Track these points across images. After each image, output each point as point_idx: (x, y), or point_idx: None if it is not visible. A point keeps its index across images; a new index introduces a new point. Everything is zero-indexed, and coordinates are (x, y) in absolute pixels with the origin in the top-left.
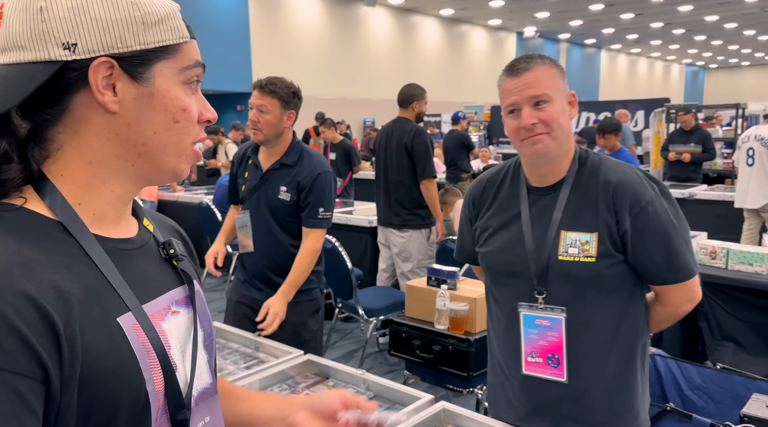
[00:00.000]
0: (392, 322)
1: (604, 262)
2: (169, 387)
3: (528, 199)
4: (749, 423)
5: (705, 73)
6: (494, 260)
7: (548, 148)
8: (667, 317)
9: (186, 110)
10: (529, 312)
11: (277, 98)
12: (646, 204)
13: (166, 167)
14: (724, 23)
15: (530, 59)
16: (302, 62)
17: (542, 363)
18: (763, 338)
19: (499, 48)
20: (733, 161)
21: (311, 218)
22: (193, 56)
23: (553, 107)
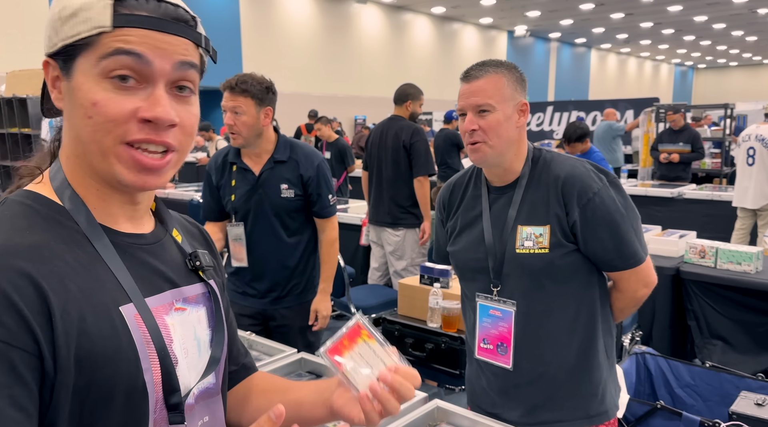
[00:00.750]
0: (385, 320)
1: (556, 252)
2: (167, 380)
3: (488, 199)
4: (738, 420)
5: (694, 73)
6: (461, 257)
7: (486, 156)
8: (627, 302)
9: (96, 104)
10: (484, 302)
11: (250, 97)
12: (593, 195)
13: (101, 170)
14: (712, 24)
15: (483, 67)
16: (293, 59)
17: (492, 350)
18: (751, 336)
19: (490, 47)
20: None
21: (325, 208)
22: (114, 44)
23: (494, 116)
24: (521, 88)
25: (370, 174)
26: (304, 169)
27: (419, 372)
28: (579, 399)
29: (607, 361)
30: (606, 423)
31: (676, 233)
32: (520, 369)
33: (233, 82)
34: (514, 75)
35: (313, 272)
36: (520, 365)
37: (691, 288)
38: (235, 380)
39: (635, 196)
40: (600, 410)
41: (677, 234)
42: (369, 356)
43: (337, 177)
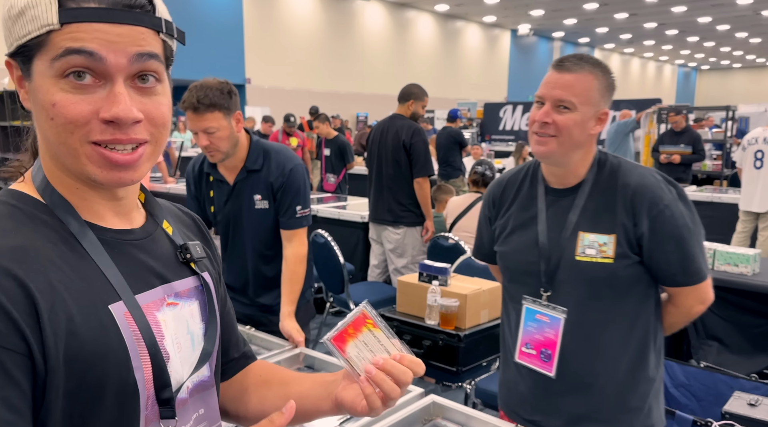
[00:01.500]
0: (383, 317)
1: (620, 263)
2: (158, 377)
3: (545, 200)
4: (730, 420)
5: (697, 74)
6: (511, 259)
7: (551, 151)
8: (680, 317)
9: (56, 106)
10: (531, 306)
11: (217, 110)
12: (664, 207)
13: (74, 170)
14: (716, 25)
15: (580, 62)
16: (296, 56)
17: (535, 355)
18: (747, 337)
19: (493, 45)
20: (735, 163)
21: (290, 219)
22: (62, 44)
23: (572, 116)
24: (608, 96)
25: (370, 172)
26: (274, 176)
27: None
28: (625, 413)
29: (656, 375)
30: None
31: None
32: (564, 378)
33: (194, 100)
34: (607, 81)
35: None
36: (565, 374)
37: None
38: (236, 368)
39: None
40: (646, 424)
41: None
42: (373, 345)
43: (337, 174)
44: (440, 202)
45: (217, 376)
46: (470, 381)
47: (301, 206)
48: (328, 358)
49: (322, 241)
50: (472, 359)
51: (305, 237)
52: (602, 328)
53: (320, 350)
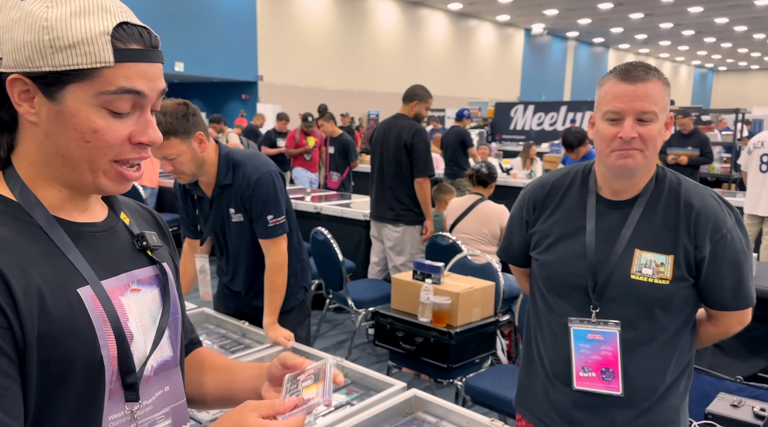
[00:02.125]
0: (378, 314)
1: (677, 285)
2: (122, 354)
3: (596, 211)
4: (712, 420)
5: (714, 75)
6: (555, 269)
7: (638, 164)
8: (717, 337)
9: (97, 132)
10: (580, 327)
11: (173, 136)
12: (726, 232)
13: (86, 181)
14: (734, 26)
15: (648, 70)
16: (308, 53)
17: (595, 377)
18: (742, 341)
19: (507, 44)
20: (741, 166)
21: (263, 229)
22: (117, 82)
23: (656, 126)
24: (670, 99)
25: (373, 170)
26: (241, 190)
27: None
28: (656, 426)
29: (686, 390)
30: None
31: None
32: (607, 395)
33: None
34: (668, 85)
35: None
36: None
37: None
38: (186, 352)
39: None
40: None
41: None
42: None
43: (341, 172)
44: (440, 201)
45: (182, 358)
46: (461, 378)
47: (272, 215)
48: (315, 351)
49: (322, 238)
50: (462, 356)
51: (283, 245)
52: (648, 348)
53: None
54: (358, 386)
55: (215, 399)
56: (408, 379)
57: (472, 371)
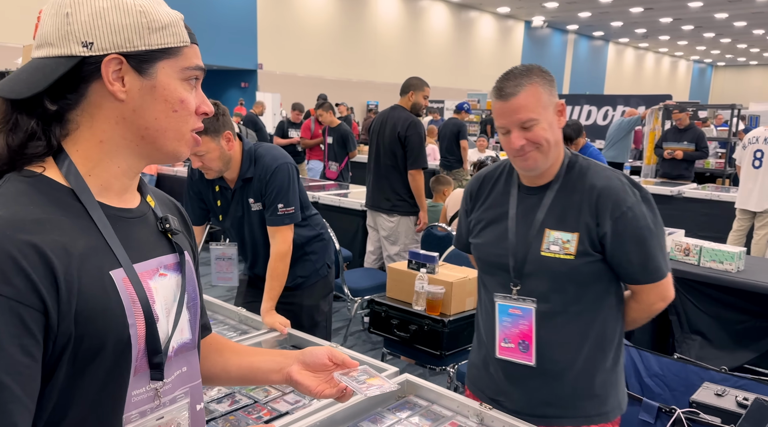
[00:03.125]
0: (373, 302)
1: (581, 260)
2: (149, 334)
3: (517, 198)
4: (697, 409)
5: (712, 70)
6: (483, 251)
7: (537, 162)
8: (641, 314)
9: (184, 102)
10: (503, 302)
11: (204, 134)
12: (627, 209)
13: (167, 149)
14: (733, 21)
15: (518, 81)
16: (308, 42)
17: (513, 348)
18: (729, 333)
19: (507, 36)
20: (735, 160)
21: (272, 216)
22: (194, 60)
23: (540, 127)
24: (554, 89)
25: (369, 160)
26: (262, 182)
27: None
28: (581, 399)
29: (615, 366)
30: (605, 424)
31: (665, 231)
32: (530, 365)
33: None
34: (546, 79)
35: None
36: (536, 361)
37: (673, 284)
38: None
39: None
40: (600, 411)
41: (666, 232)
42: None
43: (339, 162)
44: (437, 192)
45: (198, 339)
46: (453, 365)
47: (283, 204)
48: (310, 337)
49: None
50: (455, 344)
51: (288, 235)
52: (563, 319)
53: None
54: None
55: (239, 377)
56: (402, 366)
57: (464, 359)
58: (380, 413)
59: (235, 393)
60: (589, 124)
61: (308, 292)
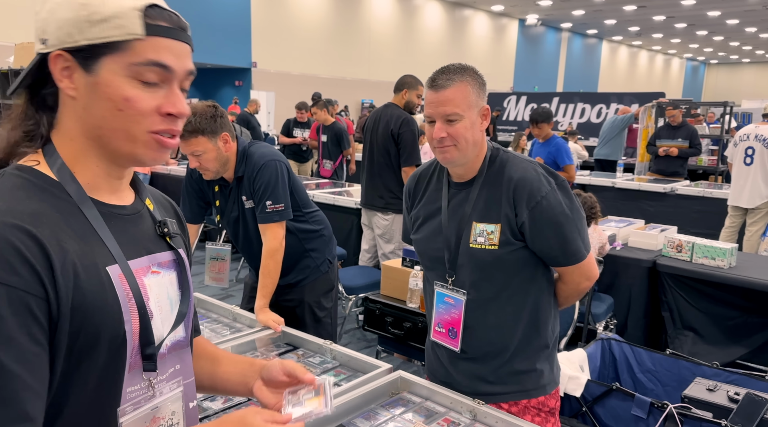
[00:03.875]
0: (368, 299)
1: (505, 249)
2: (143, 330)
3: (448, 194)
4: (688, 404)
5: (705, 68)
6: (422, 246)
7: (454, 157)
8: (570, 293)
9: (129, 100)
10: (441, 290)
11: (201, 134)
12: (541, 198)
13: (122, 152)
14: (726, 19)
15: (451, 76)
16: (302, 40)
17: (445, 333)
18: (721, 329)
19: (501, 35)
20: (727, 158)
21: (261, 214)
22: (146, 55)
23: (462, 124)
24: (483, 93)
25: (363, 158)
26: (251, 179)
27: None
28: (519, 375)
29: (550, 343)
30: (543, 396)
31: (658, 228)
32: (468, 348)
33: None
34: (478, 81)
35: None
36: (468, 344)
37: (666, 280)
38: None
39: (629, 190)
40: (537, 385)
41: (658, 228)
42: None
43: (333, 160)
44: None
45: (191, 338)
46: None
47: (271, 201)
48: (305, 335)
49: None
50: None
51: (279, 232)
52: (495, 304)
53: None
54: (345, 368)
55: (210, 387)
56: (397, 363)
57: None
58: (374, 410)
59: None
60: (582, 121)
61: (309, 288)
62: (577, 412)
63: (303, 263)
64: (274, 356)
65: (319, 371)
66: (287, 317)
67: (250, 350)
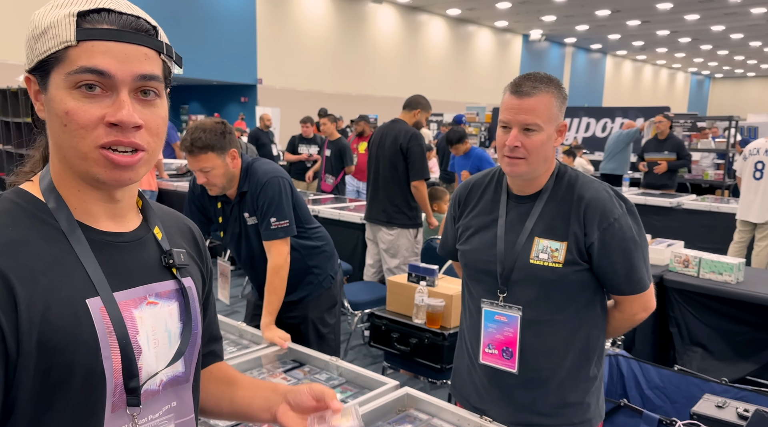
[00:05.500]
0: (373, 315)
1: (569, 268)
2: (126, 367)
3: (507, 206)
4: (697, 421)
5: (710, 82)
6: (471, 258)
7: (522, 171)
8: (623, 323)
9: (69, 113)
10: (490, 308)
11: (210, 151)
12: (614, 221)
13: (80, 171)
14: (730, 33)
15: (537, 84)
16: (307, 57)
17: (497, 355)
18: (730, 344)
19: (505, 50)
20: (735, 172)
21: (266, 230)
22: (79, 61)
23: (539, 137)
24: (564, 107)
25: (369, 173)
26: (254, 196)
27: (403, 365)
28: (565, 407)
29: (597, 374)
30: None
31: (665, 242)
32: (514, 373)
33: (188, 143)
34: (561, 94)
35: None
36: (519, 369)
37: (673, 296)
38: (203, 364)
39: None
40: (583, 419)
41: (665, 243)
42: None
43: (335, 176)
44: (434, 205)
45: (196, 374)
46: None
47: (275, 218)
48: (311, 352)
49: None
50: None
51: (283, 248)
52: (550, 327)
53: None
54: (352, 385)
55: (230, 413)
56: (403, 380)
57: None
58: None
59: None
60: (587, 136)
61: (313, 305)
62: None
63: (306, 280)
64: (279, 373)
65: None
66: (291, 333)
67: (256, 367)
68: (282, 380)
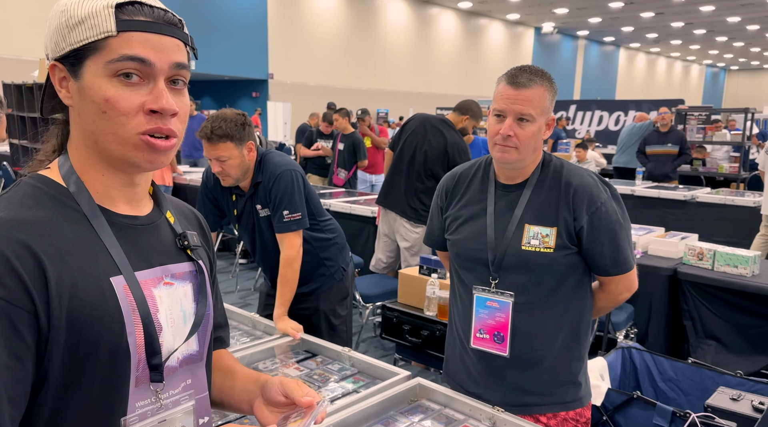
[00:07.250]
0: (385, 307)
1: (560, 252)
2: (149, 343)
3: (495, 195)
4: (712, 413)
5: (726, 74)
6: (462, 247)
7: (512, 159)
8: (608, 303)
9: (109, 101)
10: (482, 294)
11: (228, 140)
12: (601, 205)
13: (115, 156)
14: (746, 25)
15: (533, 77)
16: (318, 51)
17: (488, 339)
18: (745, 338)
19: (517, 43)
20: (758, 165)
21: (278, 223)
22: (120, 50)
23: (532, 127)
24: (554, 102)
25: (401, 160)
26: (267, 189)
27: (415, 357)
28: (558, 386)
29: (586, 354)
30: (579, 409)
31: (679, 235)
32: (508, 355)
33: (208, 131)
34: (553, 89)
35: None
36: (509, 352)
37: (687, 289)
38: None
39: (649, 198)
40: (575, 397)
41: (679, 236)
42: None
43: (348, 170)
44: None
45: (209, 354)
46: None
47: (288, 211)
48: (324, 343)
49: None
50: None
51: (296, 240)
52: (541, 310)
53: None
54: (364, 375)
55: (217, 401)
56: (415, 371)
57: None
58: (393, 417)
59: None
60: (600, 129)
61: (324, 296)
62: (598, 421)
63: (318, 272)
64: (292, 363)
65: (338, 378)
66: (303, 325)
67: (269, 357)
68: (294, 370)
